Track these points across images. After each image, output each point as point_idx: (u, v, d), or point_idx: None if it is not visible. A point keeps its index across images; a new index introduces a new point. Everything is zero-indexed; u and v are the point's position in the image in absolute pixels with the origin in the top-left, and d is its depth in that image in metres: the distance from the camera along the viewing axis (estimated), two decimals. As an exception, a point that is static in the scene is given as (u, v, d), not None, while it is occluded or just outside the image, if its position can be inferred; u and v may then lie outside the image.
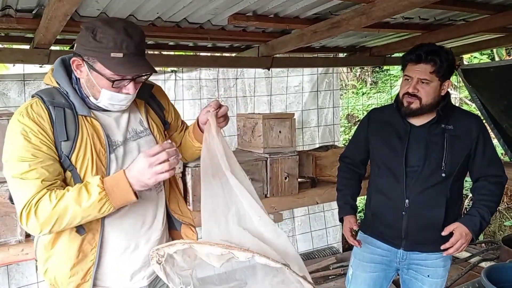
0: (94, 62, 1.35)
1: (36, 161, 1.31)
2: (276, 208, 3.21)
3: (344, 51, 4.08)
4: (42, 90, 1.45)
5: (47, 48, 2.65)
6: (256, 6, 2.42)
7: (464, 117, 1.99)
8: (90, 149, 1.39)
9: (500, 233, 6.01)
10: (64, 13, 1.88)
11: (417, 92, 1.87)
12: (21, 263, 2.92)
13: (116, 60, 1.33)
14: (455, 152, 1.91)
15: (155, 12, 2.42)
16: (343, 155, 2.28)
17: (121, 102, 1.44)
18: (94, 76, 1.38)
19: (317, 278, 3.61)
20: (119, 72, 1.36)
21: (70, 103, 1.41)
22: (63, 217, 1.28)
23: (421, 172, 1.93)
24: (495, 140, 5.72)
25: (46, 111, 1.37)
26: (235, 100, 4.00)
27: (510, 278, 2.54)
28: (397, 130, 2.00)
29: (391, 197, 2.00)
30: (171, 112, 1.74)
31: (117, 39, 1.32)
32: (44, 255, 1.43)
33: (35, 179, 1.30)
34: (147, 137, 1.56)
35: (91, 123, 1.42)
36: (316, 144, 4.37)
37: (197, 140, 1.68)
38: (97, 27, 1.33)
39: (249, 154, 3.20)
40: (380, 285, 2.12)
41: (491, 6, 2.69)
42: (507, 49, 6.81)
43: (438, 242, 1.96)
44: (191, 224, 1.71)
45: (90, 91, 1.42)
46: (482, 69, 4.06)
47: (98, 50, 1.33)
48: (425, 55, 1.85)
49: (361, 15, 2.30)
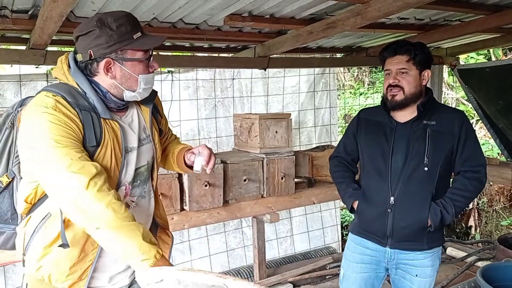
0: (124, 52, 1.37)
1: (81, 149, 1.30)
2: (273, 208, 3.22)
3: (341, 52, 4.09)
4: (57, 86, 1.38)
5: (43, 49, 2.65)
6: (252, 6, 2.42)
7: (447, 113, 2.01)
8: (110, 153, 1.39)
9: (497, 232, 6.02)
10: (59, 13, 1.88)
11: (398, 82, 1.93)
12: (17, 264, 2.91)
13: (140, 39, 1.38)
14: (438, 147, 1.92)
15: (151, 13, 2.42)
16: (333, 155, 2.29)
17: (151, 82, 1.49)
18: (128, 67, 1.39)
19: (313, 278, 3.61)
20: (150, 46, 1.41)
21: (93, 106, 1.38)
22: (105, 227, 1.23)
23: (404, 168, 1.95)
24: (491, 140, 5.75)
25: (75, 112, 1.33)
26: (231, 101, 4.00)
27: (505, 277, 2.54)
28: (384, 129, 2.02)
29: (377, 195, 2.01)
30: (164, 119, 1.77)
31: (130, 21, 1.37)
32: (41, 251, 1.39)
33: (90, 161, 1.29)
34: (147, 144, 1.57)
35: (111, 126, 1.41)
36: (313, 144, 4.38)
37: (178, 167, 1.74)
38: (105, 20, 1.34)
39: (246, 154, 3.21)
40: (372, 285, 2.12)
41: (486, 7, 2.70)
42: (504, 49, 6.83)
43: (425, 240, 1.97)
44: (167, 228, 1.75)
45: (126, 85, 1.42)
46: (478, 69, 4.07)
47: (123, 37, 1.35)
48: (399, 47, 1.95)
49: (356, 16, 2.31)
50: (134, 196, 1.55)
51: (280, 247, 4.37)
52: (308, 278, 3.60)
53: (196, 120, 3.82)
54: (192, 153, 1.66)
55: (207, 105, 3.89)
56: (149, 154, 1.59)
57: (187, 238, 3.84)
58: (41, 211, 1.41)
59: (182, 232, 3.76)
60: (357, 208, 2.10)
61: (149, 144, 1.58)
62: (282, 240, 4.40)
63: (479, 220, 6.28)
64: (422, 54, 1.94)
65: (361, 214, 2.10)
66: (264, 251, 3.42)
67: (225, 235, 4.06)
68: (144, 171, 1.58)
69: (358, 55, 4.06)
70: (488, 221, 6.29)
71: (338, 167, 2.24)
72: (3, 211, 1.47)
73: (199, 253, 3.92)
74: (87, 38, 1.35)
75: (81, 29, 1.38)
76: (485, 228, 6.26)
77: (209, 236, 3.96)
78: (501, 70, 3.73)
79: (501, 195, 6.33)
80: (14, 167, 1.43)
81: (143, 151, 1.55)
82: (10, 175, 1.44)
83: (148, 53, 1.43)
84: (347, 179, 2.19)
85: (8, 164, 1.43)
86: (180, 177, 2.85)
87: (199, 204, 2.89)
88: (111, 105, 1.44)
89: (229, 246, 4.08)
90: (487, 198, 6.38)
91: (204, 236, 3.94)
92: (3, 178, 1.44)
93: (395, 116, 2.01)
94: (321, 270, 3.70)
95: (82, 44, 1.37)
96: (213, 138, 3.92)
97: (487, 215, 6.33)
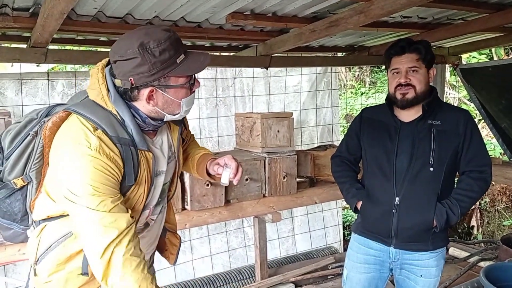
0: (167, 80, 1.29)
1: (117, 197, 1.26)
2: (275, 207, 3.20)
3: (343, 51, 4.07)
4: (95, 112, 1.29)
5: (44, 47, 2.64)
6: (254, 4, 2.41)
7: (452, 112, 1.99)
8: (143, 185, 1.37)
9: (499, 232, 6.01)
10: (60, 11, 1.87)
11: (409, 81, 1.90)
12: (18, 263, 2.90)
13: (183, 63, 1.29)
14: (443, 147, 1.90)
15: (153, 11, 2.41)
16: (335, 154, 2.27)
17: (193, 102, 1.41)
18: (171, 94, 1.32)
19: (315, 278, 3.59)
20: (196, 71, 1.33)
21: (132, 138, 1.32)
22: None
23: (410, 168, 1.93)
24: (493, 139, 5.73)
25: (117, 149, 1.27)
26: (233, 100, 3.99)
27: (508, 277, 2.52)
28: (388, 129, 2.00)
29: (382, 196, 1.99)
30: (187, 129, 1.74)
31: (173, 43, 1.26)
32: (54, 267, 1.38)
33: (122, 212, 1.25)
34: (172, 161, 1.55)
35: (145, 157, 1.37)
36: (315, 144, 4.37)
37: (198, 173, 1.71)
38: (147, 45, 1.23)
39: (248, 154, 3.20)
40: (376, 286, 2.10)
41: (489, 5, 2.69)
42: (506, 49, 6.81)
43: (429, 241, 1.95)
44: (175, 231, 1.75)
45: (168, 111, 1.35)
46: (481, 68, 4.05)
47: (166, 64, 1.25)
48: (408, 45, 1.92)
49: (359, 14, 2.29)
50: (155, 215, 1.55)
51: (281, 247, 4.35)
52: (310, 278, 3.58)
53: (197, 119, 3.80)
54: (217, 164, 1.62)
55: (209, 104, 3.88)
56: (172, 170, 1.57)
57: (188, 238, 3.83)
58: (61, 226, 1.38)
59: (183, 231, 3.74)
60: (361, 208, 2.08)
61: (174, 161, 1.56)
62: (284, 240, 4.38)
63: (481, 220, 6.27)
64: (430, 52, 1.93)
65: (365, 214, 2.08)
66: (265, 251, 3.41)
67: (227, 234, 4.05)
68: (166, 188, 1.58)
69: (360, 54, 4.04)
70: (490, 221, 6.27)
71: (340, 167, 2.22)
72: (13, 211, 1.45)
73: (200, 253, 3.90)
74: (128, 65, 1.25)
75: (120, 53, 1.26)
76: (487, 228, 6.25)
77: (210, 235, 3.95)
78: (504, 70, 3.71)
79: (503, 195, 6.30)
80: (32, 173, 1.40)
81: (169, 169, 1.53)
82: (26, 179, 1.41)
83: (192, 76, 1.36)
84: (350, 178, 2.17)
85: (25, 168, 1.41)
86: (182, 176, 2.84)
87: (201, 204, 2.88)
88: (149, 128, 1.39)
89: (231, 246, 4.07)
90: (490, 198, 6.36)
91: (206, 236, 3.93)
92: (18, 180, 1.41)
93: (399, 116, 1.99)
94: (323, 270, 3.68)
95: (122, 70, 1.28)
96: (214, 137, 3.91)
97: (489, 215, 6.31)
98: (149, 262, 1.68)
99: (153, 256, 1.72)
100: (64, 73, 4.04)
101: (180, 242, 1.74)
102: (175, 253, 1.71)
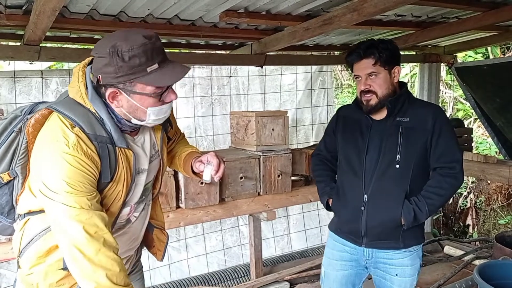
0: (133, 85, 1.27)
1: (93, 195, 1.28)
2: (269, 206, 3.21)
3: (338, 50, 4.08)
4: (74, 110, 1.31)
5: (37, 45, 2.64)
6: (248, 2, 2.41)
7: (422, 108, 1.96)
8: (122, 184, 1.37)
9: (495, 231, 6.03)
10: (53, 8, 1.86)
11: (369, 87, 1.89)
12: (11, 261, 2.89)
13: (154, 73, 1.26)
14: (410, 144, 1.89)
15: (146, 9, 2.40)
16: (315, 153, 2.28)
17: (166, 113, 1.38)
18: (136, 99, 1.30)
19: (310, 276, 3.60)
20: (164, 84, 1.29)
21: (110, 137, 1.33)
22: None
23: (378, 166, 1.92)
24: (489, 138, 5.74)
25: (94, 147, 1.29)
26: (228, 98, 3.98)
27: (502, 275, 2.54)
28: (360, 126, 2.00)
29: (352, 193, 1.99)
30: (174, 128, 1.73)
31: (147, 51, 1.23)
32: (34, 260, 1.40)
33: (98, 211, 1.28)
34: (155, 160, 1.55)
35: (125, 155, 1.37)
36: (310, 142, 4.37)
37: (184, 171, 1.72)
38: (118, 48, 1.22)
39: (242, 152, 3.20)
40: (352, 283, 2.09)
41: (483, 4, 2.70)
42: (502, 48, 6.83)
43: (400, 239, 1.93)
44: (163, 228, 1.74)
45: (134, 115, 1.34)
46: (476, 67, 4.07)
47: (133, 70, 1.24)
48: (363, 51, 1.88)
49: (352, 12, 2.30)
50: (137, 212, 1.55)
51: (277, 246, 4.36)
52: (305, 276, 3.59)
53: (192, 117, 3.80)
54: (200, 161, 1.62)
55: (204, 103, 3.88)
56: (156, 169, 1.57)
57: (183, 236, 3.82)
58: (43, 221, 1.39)
59: (178, 230, 3.75)
60: (332, 206, 2.09)
61: (157, 159, 1.56)
62: (279, 238, 4.38)
63: (477, 218, 6.29)
64: (387, 52, 1.87)
65: (337, 213, 2.09)
66: (260, 250, 3.41)
67: (222, 233, 4.04)
68: (150, 186, 1.58)
69: (355, 52, 4.04)
70: (486, 220, 6.30)
71: (318, 166, 2.23)
72: (1, 205, 1.46)
73: (195, 251, 3.90)
74: (98, 62, 1.27)
75: (97, 50, 1.28)
76: (483, 227, 6.27)
77: (205, 234, 3.94)
78: (499, 68, 3.73)
79: (498, 193, 6.33)
80: (17, 168, 1.42)
81: (152, 168, 1.53)
82: (12, 174, 1.43)
83: (162, 88, 1.32)
84: (326, 177, 2.17)
85: (11, 164, 1.42)
86: (176, 175, 2.83)
87: (195, 202, 2.88)
88: (125, 128, 1.40)
89: (226, 244, 4.07)
90: (485, 196, 6.39)
91: (201, 235, 3.93)
92: (5, 175, 1.42)
93: (371, 114, 1.98)
94: (318, 269, 3.67)
95: (95, 66, 1.30)
96: (209, 136, 3.91)
97: (484, 214, 6.33)
98: (136, 257, 1.70)
99: (139, 251, 1.72)
100: (58, 71, 4.02)
101: (168, 238, 1.74)
102: (162, 250, 1.71)
